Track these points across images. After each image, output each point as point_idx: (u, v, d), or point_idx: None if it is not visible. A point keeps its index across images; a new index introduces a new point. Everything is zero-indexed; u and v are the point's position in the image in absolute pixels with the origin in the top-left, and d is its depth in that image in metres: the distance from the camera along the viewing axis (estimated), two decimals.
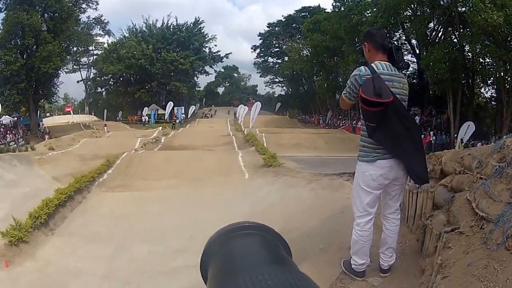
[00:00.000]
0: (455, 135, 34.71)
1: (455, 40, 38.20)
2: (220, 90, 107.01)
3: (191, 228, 14.13)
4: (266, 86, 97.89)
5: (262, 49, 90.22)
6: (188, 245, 12.79)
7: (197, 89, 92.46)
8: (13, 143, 40.02)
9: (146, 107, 69.74)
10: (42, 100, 58.30)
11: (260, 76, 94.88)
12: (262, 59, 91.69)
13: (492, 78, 37.72)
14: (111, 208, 17.43)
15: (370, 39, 5.25)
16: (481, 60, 36.09)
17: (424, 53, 39.35)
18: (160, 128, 49.76)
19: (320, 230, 9.26)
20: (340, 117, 60.72)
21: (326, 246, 7.70)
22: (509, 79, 33.97)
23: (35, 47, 49.90)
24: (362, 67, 5.06)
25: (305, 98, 74.02)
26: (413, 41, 47.92)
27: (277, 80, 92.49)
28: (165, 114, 65.49)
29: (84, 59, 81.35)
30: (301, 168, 19.07)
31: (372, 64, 5.07)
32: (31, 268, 12.14)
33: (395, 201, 5.69)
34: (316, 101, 67.03)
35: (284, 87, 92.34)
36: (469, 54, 37.47)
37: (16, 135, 44.70)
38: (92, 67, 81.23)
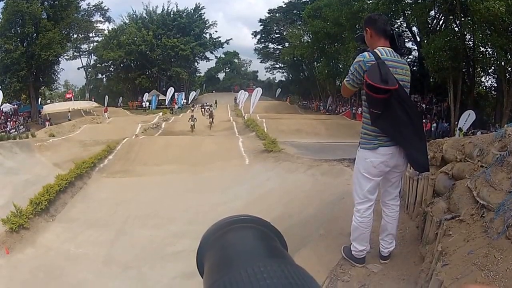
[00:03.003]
0: (456, 123, 34.24)
1: (456, 28, 37.66)
2: (221, 75, 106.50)
3: (191, 213, 14.27)
4: (266, 71, 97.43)
5: (263, 35, 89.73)
6: (187, 230, 12.97)
7: (198, 74, 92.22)
8: (14, 130, 39.89)
9: (146, 93, 69.16)
10: (43, 87, 58.06)
11: (261, 62, 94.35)
12: (263, 45, 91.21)
13: (492, 68, 37.39)
14: (111, 193, 17.52)
15: (372, 24, 5.11)
16: (482, 49, 35.93)
17: (425, 41, 39.07)
18: (161, 113, 49.98)
19: (320, 215, 9.22)
20: (340, 103, 59.77)
21: (326, 231, 7.61)
22: (509, 68, 33.61)
23: (35, 35, 49.48)
24: (365, 53, 4.94)
25: (306, 84, 73.53)
26: (414, 29, 47.61)
27: (277, 66, 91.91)
28: (165, 99, 65.26)
29: (84, 46, 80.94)
30: (301, 153, 19.06)
31: (376, 50, 4.94)
32: (32, 254, 12.22)
33: (395, 188, 5.62)
34: (316, 87, 66.46)
35: (285, 73, 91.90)
36: (470, 42, 37.15)
37: (17, 122, 44.51)
38: (92, 54, 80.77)
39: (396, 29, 6.03)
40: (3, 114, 46.27)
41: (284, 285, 0.62)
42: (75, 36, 69.22)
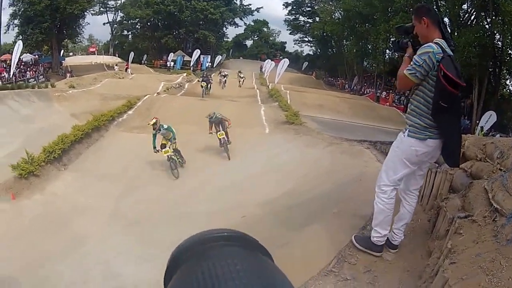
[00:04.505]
0: (477, 122, 33.82)
1: (486, 26, 37.04)
2: (248, 43, 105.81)
3: (204, 174, 14.44)
4: (295, 44, 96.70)
5: (294, 7, 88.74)
6: (201, 191, 13.19)
7: (225, 39, 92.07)
8: (33, 80, 39.91)
9: (172, 53, 68.93)
10: (66, 40, 58.37)
11: (290, 34, 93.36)
12: (293, 17, 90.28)
13: None
14: (127, 148, 17.69)
15: (428, 14, 4.83)
16: (510, 51, 35.51)
17: (456, 34, 38.42)
18: (185, 74, 49.78)
19: (335, 194, 9.10)
20: (365, 84, 60.47)
21: (340, 211, 7.56)
22: None
23: None
24: (433, 44, 4.72)
25: (333, 61, 72.78)
26: (446, 20, 46.93)
27: (306, 39, 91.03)
28: (191, 61, 65.12)
29: (111, 2, 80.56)
30: (322, 129, 18.97)
31: (438, 42, 4.72)
32: (39, 201, 12.29)
33: (422, 178, 5.58)
34: (343, 65, 65.96)
35: (313, 47, 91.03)
36: (499, 43, 36.36)
37: (37, 72, 44.62)
38: (119, 11, 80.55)
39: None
40: (22, 63, 45.95)
41: None
42: None
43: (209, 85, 28.48)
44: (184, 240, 0.76)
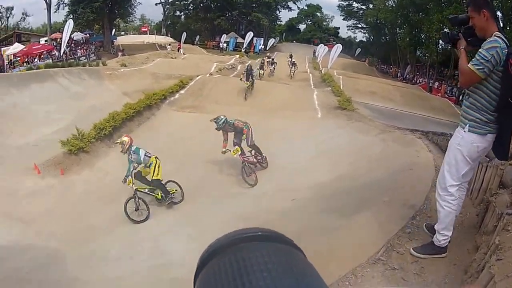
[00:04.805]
0: None
1: None
2: (301, 27, 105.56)
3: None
4: (348, 30, 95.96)
5: None
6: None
7: (278, 23, 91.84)
8: (84, 58, 40.75)
9: (225, 34, 69.21)
10: (117, 19, 59.22)
11: (343, 19, 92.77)
12: (347, 3, 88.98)
13: None
14: (178, 127, 17.96)
15: (487, 6, 4.68)
16: None
17: (508, 28, 37.40)
18: (237, 56, 49.72)
19: (385, 182, 9.10)
20: (418, 73, 59.52)
21: (390, 200, 7.60)
22: None
23: None
24: (498, 39, 4.62)
25: (386, 48, 71.50)
26: (498, 13, 45.78)
27: (359, 25, 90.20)
28: (243, 43, 65.26)
29: None
30: (374, 117, 18.88)
31: (501, 36, 4.58)
32: (87, 176, 12.61)
33: (473, 171, 5.52)
34: (396, 53, 65.10)
35: (366, 34, 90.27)
36: None
37: (88, 50, 45.44)
38: None
39: None
40: (73, 42, 46.90)
41: None
42: None
43: (253, 82, 25.81)
44: (215, 240, 0.76)
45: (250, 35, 64.32)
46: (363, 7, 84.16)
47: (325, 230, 7.39)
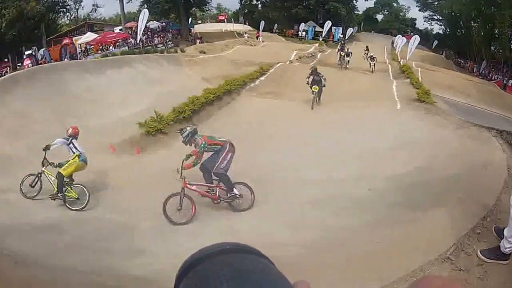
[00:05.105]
0: None
1: None
2: (379, 17, 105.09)
3: (337, 143, 14.49)
4: (424, 21, 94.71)
5: None
6: (330, 159, 13.19)
7: (356, 12, 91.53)
8: (161, 45, 41.27)
9: (303, 23, 69.42)
10: (193, 8, 59.99)
11: (419, 10, 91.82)
12: None
13: None
14: (257, 112, 18.15)
15: None
16: None
17: None
18: (317, 44, 49.85)
19: (460, 178, 9.09)
20: (493, 70, 57.26)
21: (464, 197, 7.59)
22: None
23: None
24: None
25: (462, 42, 70.36)
26: None
27: (435, 17, 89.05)
28: (322, 32, 65.19)
29: None
30: (452, 111, 18.56)
31: None
32: (163, 156, 13.04)
33: None
34: (472, 47, 63.72)
35: (442, 26, 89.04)
36: None
37: (165, 38, 45.89)
38: None
39: None
40: (149, 30, 47.75)
41: None
42: None
43: (321, 90, 20.12)
44: (190, 256, 0.82)
45: (328, 24, 64.35)
46: None
47: (399, 222, 7.59)
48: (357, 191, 10.07)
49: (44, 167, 10.83)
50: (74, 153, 11.01)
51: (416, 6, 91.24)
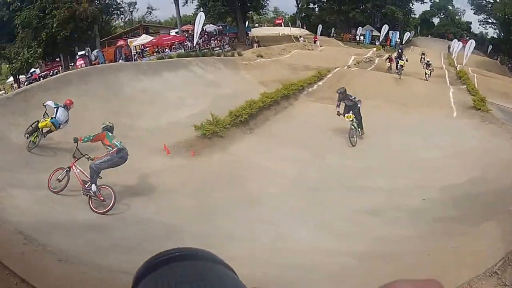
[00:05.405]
0: None
1: None
2: (435, 21, 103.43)
3: (389, 150, 14.45)
4: (479, 25, 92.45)
5: None
6: (385, 167, 13.17)
7: (412, 16, 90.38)
8: (218, 48, 41.65)
9: (360, 27, 69.30)
10: (250, 12, 60.34)
11: (474, 14, 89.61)
12: None
13: None
14: (316, 117, 18.09)
15: None
16: None
17: None
18: (374, 49, 49.33)
19: None
20: None
21: None
22: None
23: None
24: None
25: None
26: None
27: (490, 20, 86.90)
28: (379, 36, 64.99)
29: None
30: (507, 120, 18.13)
31: None
32: (219, 160, 13.10)
33: None
34: None
35: (497, 30, 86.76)
36: None
37: (222, 41, 46.23)
38: None
39: None
40: (206, 33, 48.27)
41: None
42: None
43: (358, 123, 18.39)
44: (149, 258, 0.84)
45: (385, 28, 63.78)
46: (491, 0, 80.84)
47: (449, 235, 7.66)
48: (410, 202, 10.15)
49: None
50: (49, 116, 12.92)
51: (471, 9, 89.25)
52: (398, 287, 0.68)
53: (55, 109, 12.95)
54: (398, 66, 28.39)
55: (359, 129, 16.45)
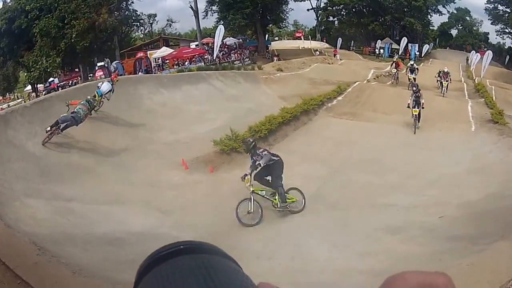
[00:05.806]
0: None
1: None
2: (453, 32, 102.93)
3: (412, 168, 14.28)
4: (497, 35, 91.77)
5: None
6: (404, 184, 13.05)
7: (431, 28, 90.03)
8: (238, 62, 41.91)
9: (379, 40, 69.07)
10: (270, 25, 60.44)
11: (491, 24, 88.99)
12: (492, 5, 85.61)
13: None
14: (335, 133, 18.02)
15: None
16: None
17: None
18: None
19: None
20: None
21: None
22: None
23: None
24: None
25: None
26: None
27: (507, 30, 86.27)
28: (398, 49, 64.77)
29: None
30: None
31: None
32: (237, 176, 12.74)
33: None
34: None
35: None
36: None
37: (242, 55, 46.35)
38: None
39: None
40: (226, 46, 48.49)
41: None
42: None
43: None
44: (152, 252, 0.82)
45: (404, 40, 63.68)
46: (508, 10, 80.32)
47: (466, 253, 7.55)
48: (429, 219, 10.07)
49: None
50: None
51: (488, 19, 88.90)
52: (406, 278, 0.74)
53: (101, 82, 14.52)
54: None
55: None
